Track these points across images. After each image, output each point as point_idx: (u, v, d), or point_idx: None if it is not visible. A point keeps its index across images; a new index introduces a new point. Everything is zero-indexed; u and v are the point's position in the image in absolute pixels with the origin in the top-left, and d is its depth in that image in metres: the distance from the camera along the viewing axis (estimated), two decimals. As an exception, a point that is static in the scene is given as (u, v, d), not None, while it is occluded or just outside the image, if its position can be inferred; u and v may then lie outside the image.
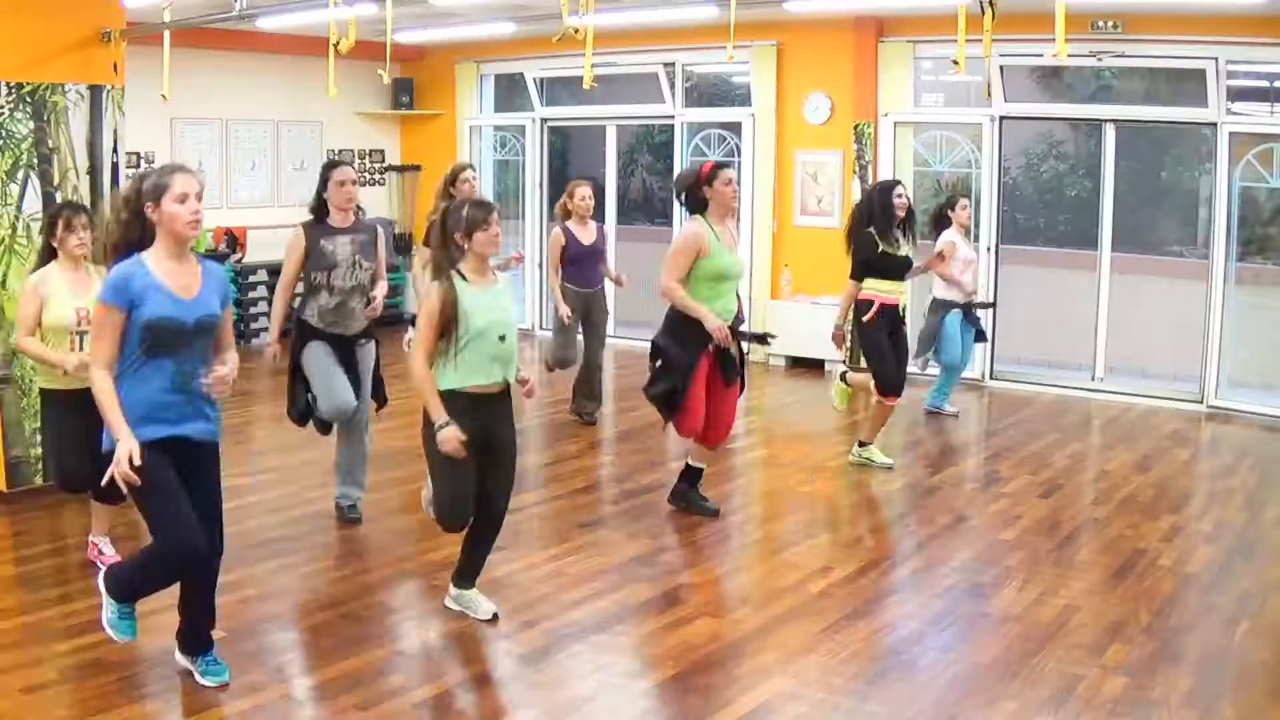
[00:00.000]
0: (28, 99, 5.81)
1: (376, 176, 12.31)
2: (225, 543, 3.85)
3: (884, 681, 4.00)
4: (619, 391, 9.21)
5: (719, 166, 5.45)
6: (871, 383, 6.63)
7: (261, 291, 10.85)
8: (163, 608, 4.50)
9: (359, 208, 5.55)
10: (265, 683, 3.89)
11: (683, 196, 5.55)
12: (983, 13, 4.71)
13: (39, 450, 5.84)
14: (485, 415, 4.26)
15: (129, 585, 3.73)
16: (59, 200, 5.87)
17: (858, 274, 6.58)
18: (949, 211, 7.95)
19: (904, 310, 6.72)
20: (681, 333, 5.46)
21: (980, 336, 8.25)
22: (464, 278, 4.19)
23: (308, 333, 5.41)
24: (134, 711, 3.67)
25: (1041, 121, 9.83)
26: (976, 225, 9.33)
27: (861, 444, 6.84)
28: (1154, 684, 3.95)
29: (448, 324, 4.12)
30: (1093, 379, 9.04)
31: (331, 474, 5.86)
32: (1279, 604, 4.76)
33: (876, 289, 6.54)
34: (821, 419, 8.19)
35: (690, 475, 5.92)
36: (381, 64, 6.01)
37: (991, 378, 9.31)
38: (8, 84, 5.73)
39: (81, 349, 4.61)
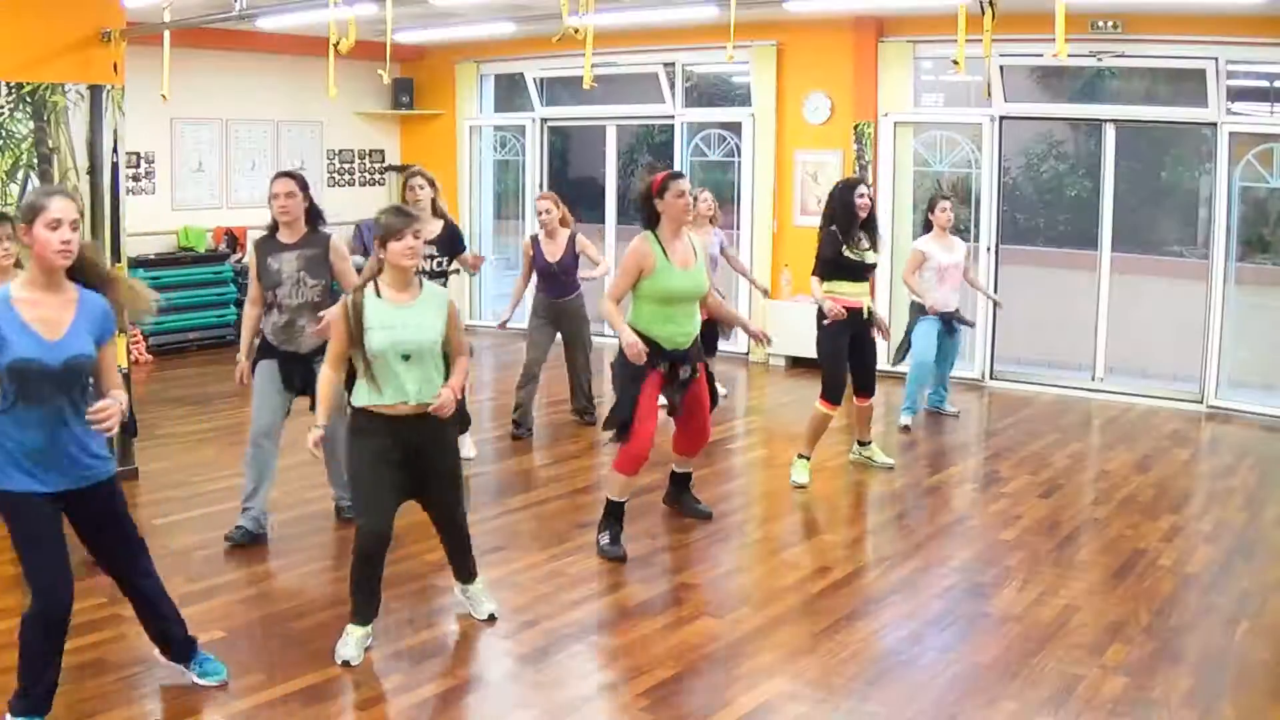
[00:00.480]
0: (28, 99, 5.80)
1: (376, 177, 12.31)
2: (223, 543, 3.83)
3: (884, 681, 4.00)
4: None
5: (671, 177, 5.09)
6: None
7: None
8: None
9: (317, 218, 5.29)
10: (265, 683, 3.89)
11: (638, 211, 5.22)
12: (983, 13, 4.71)
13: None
14: (407, 437, 4.04)
15: (23, 672, 3.39)
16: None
17: (820, 271, 6.39)
18: (930, 214, 7.74)
19: (868, 313, 6.41)
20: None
21: (951, 350, 7.97)
22: (378, 292, 3.99)
23: (263, 349, 5.33)
24: (134, 711, 3.67)
25: (1041, 121, 9.82)
26: (976, 225, 9.34)
27: (861, 443, 6.84)
28: (1154, 684, 3.95)
29: (351, 337, 3.97)
30: (1093, 379, 9.03)
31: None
32: (1279, 604, 4.76)
33: (836, 290, 6.32)
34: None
35: (680, 479, 5.89)
36: (381, 64, 6.01)
37: (991, 378, 9.31)
38: (8, 84, 5.73)
39: None
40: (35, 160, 5.82)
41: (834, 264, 6.33)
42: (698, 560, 5.32)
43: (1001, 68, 8.98)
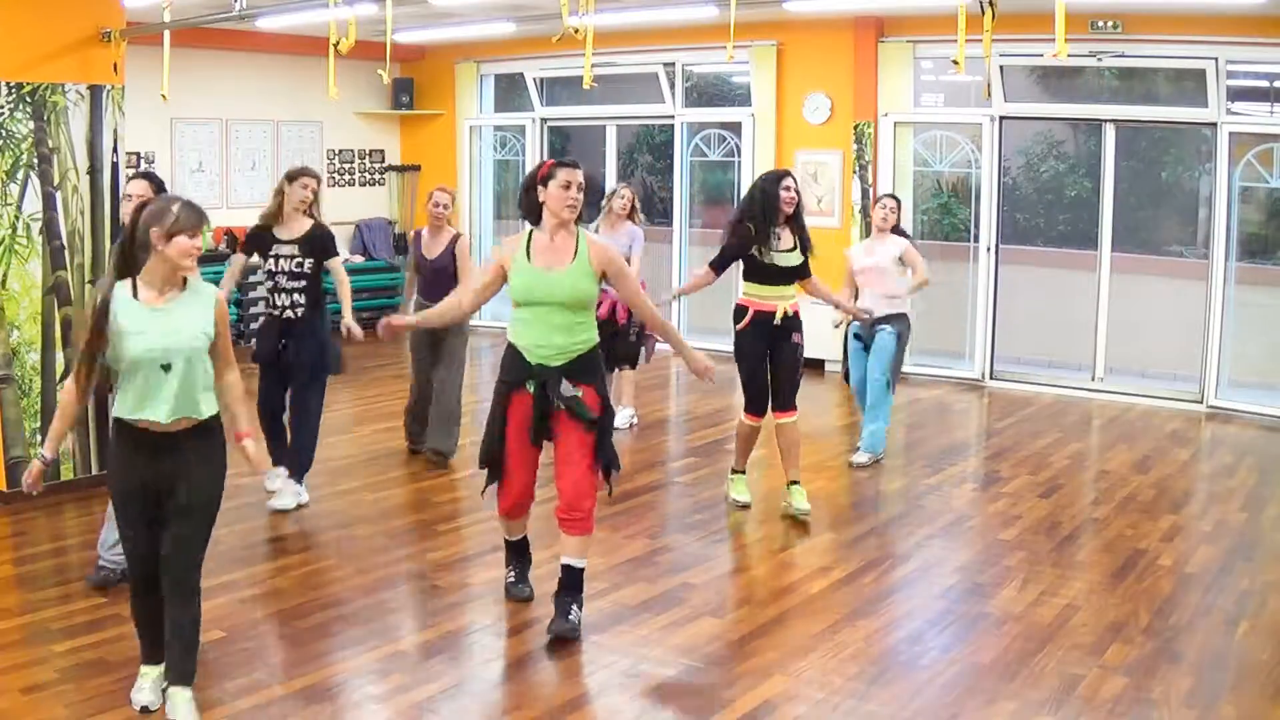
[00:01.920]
0: (28, 99, 5.80)
1: (376, 176, 12.31)
2: (223, 543, 3.82)
3: (884, 681, 4.00)
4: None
5: (559, 165, 4.26)
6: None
7: (261, 292, 10.81)
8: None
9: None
10: (265, 683, 3.89)
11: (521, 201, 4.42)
12: (983, 13, 4.71)
13: (38, 451, 5.84)
14: (157, 457, 3.44)
15: None
16: (59, 200, 5.89)
17: (718, 265, 5.83)
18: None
19: (784, 317, 5.74)
20: (503, 364, 4.39)
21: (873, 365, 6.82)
22: (134, 290, 3.39)
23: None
24: (134, 711, 3.67)
25: (1041, 121, 9.82)
26: (976, 225, 9.35)
27: (733, 470, 6.12)
28: (1154, 684, 3.95)
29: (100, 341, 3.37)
30: (1093, 379, 9.03)
31: (330, 475, 5.88)
32: (1279, 604, 4.76)
33: (750, 293, 5.77)
34: (821, 419, 8.19)
35: (521, 560, 4.77)
36: (381, 64, 6.01)
37: (991, 378, 9.31)
38: (8, 84, 5.73)
39: None
40: (35, 160, 5.82)
41: (746, 264, 5.74)
42: (698, 560, 5.32)
43: (1001, 68, 8.98)
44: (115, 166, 6.18)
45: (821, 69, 9.81)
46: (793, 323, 5.80)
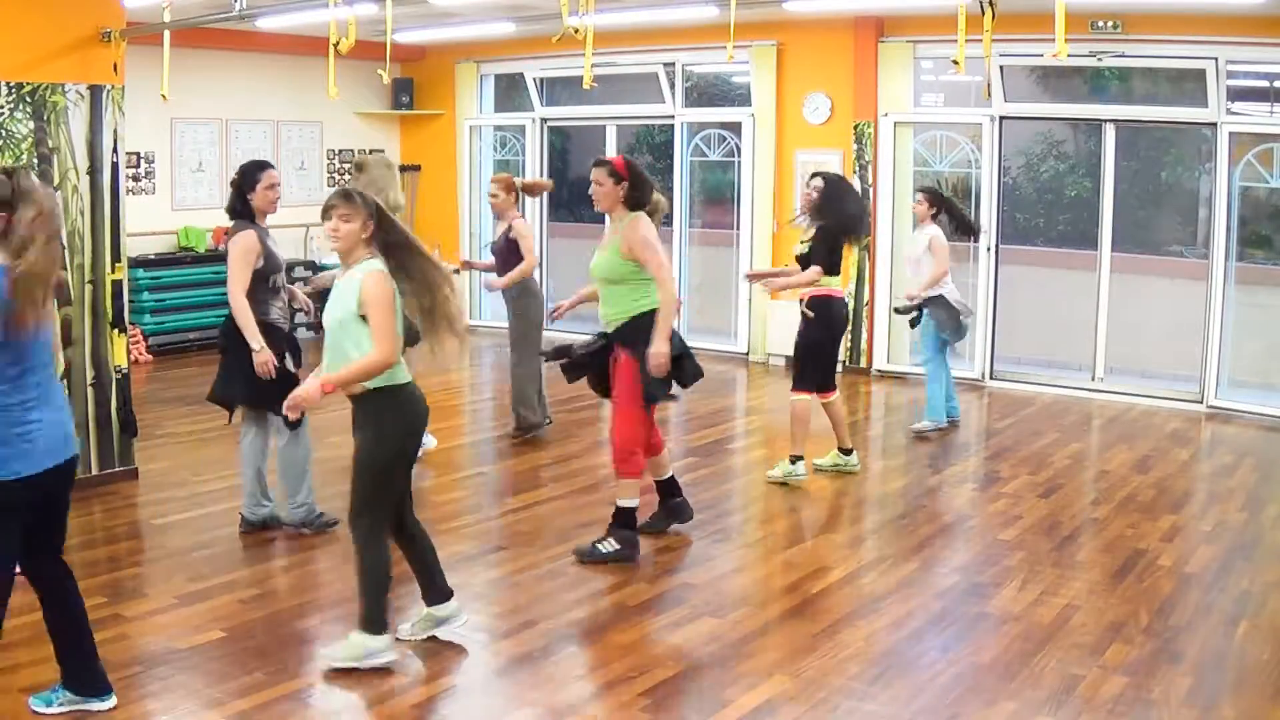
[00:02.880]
0: (28, 99, 5.80)
1: (376, 176, 12.29)
2: (223, 543, 3.83)
3: (884, 681, 4.00)
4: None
5: (594, 165, 5.17)
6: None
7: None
8: (161, 609, 4.52)
9: None
10: (265, 682, 3.89)
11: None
12: (983, 13, 4.71)
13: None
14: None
15: None
16: (59, 200, 5.88)
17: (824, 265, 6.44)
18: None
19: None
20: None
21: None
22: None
23: (280, 336, 5.31)
24: (134, 711, 3.67)
25: (1041, 121, 9.82)
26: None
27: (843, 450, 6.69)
28: (1154, 684, 3.95)
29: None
30: (1093, 379, 9.03)
31: (330, 475, 5.87)
32: (1279, 604, 4.76)
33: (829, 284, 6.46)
34: (821, 419, 8.18)
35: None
36: (381, 64, 6.01)
37: (991, 378, 9.31)
38: (8, 84, 5.73)
39: None
40: (35, 160, 5.82)
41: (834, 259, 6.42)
42: (698, 560, 5.32)
43: (1001, 68, 8.98)
44: (115, 166, 6.18)
45: (821, 69, 9.81)
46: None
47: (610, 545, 5.14)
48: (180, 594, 4.63)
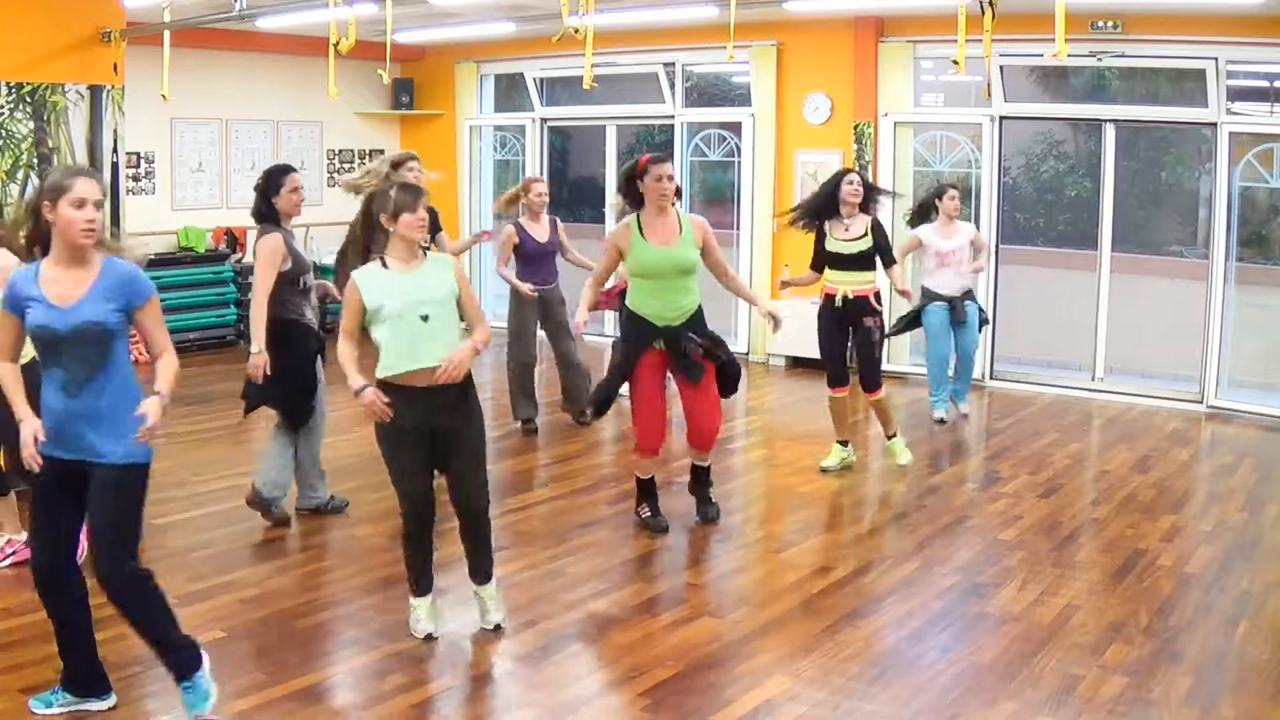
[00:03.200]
0: (28, 99, 5.81)
1: (376, 176, 12.30)
2: (223, 543, 3.83)
3: (884, 681, 4.00)
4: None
5: (653, 161, 5.35)
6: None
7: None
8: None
9: None
10: (265, 683, 3.89)
11: (622, 193, 5.47)
12: (983, 13, 4.71)
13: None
14: (423, 406, 4.11)
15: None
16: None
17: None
18: (937, 202, 7.69)
19: (844, 301, 6.47)
20: (627, 330, 5.53)
21: (964, 341, 7.81)
22: (384, 264, 4.13)
23: (311, 336, 5.47)
24: (133, 711, 3.67)
25: (1041, 121, 9.82)
26: (976, 225, 9.31)
27: (890, 437, 6.77)
28: (1154, 684, 3.95)
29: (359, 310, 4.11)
30: (1093, 379, 9.03)
31: (330, 475, 5.87)
32: (1279, 604, 4.76)
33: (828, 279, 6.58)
34: (821, 419, 8.19)
35: (696, 471, 5.81)
36: (381, 64, 6.02)
37: (991, 378, 9.31)
38: (8, 84, 5.74)
39: None
40: (35, 160, 5.83)
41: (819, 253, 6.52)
42: (698, 560, 5.32)
43: (1001, 68, 8.98)
44: (115, 166, 6.19)
45: (821, 69, 9.81)
46: (853, 305, 6.47)
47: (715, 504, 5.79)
48: (180, 594, 4.62)
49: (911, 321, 7.82)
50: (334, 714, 3.72)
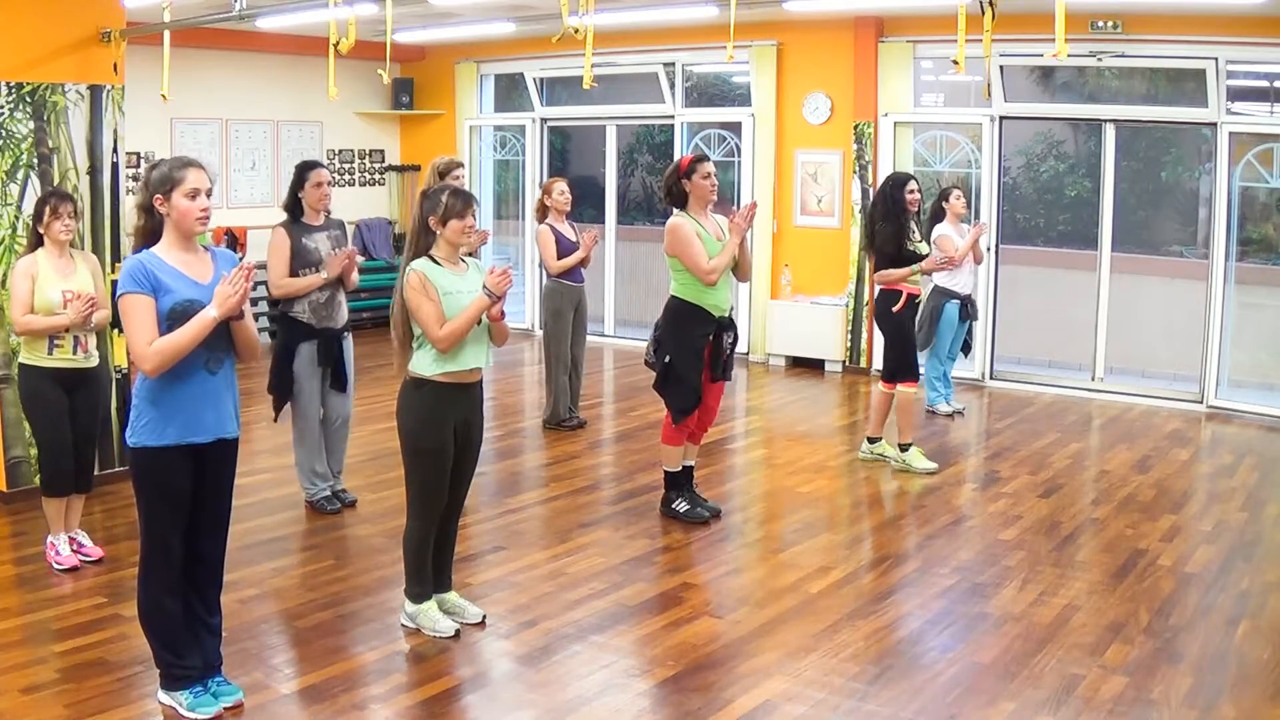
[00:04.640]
0: (28, 99, 5.80)
1: (376, 176, 12.31)
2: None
3: (884, 681, 4.00)
4: (619, 391, 9.22)
5: (697, 160, 5.51)
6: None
7: (261, 291, 10.79)
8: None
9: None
10: (265, 683, 3.89)
11: (666, 191, 5.59)
12: (983, 13, 4.71)
13: (37, 450, 5.84)
14: (464, 403, 4.26)
15: (160, 644, 3.64)
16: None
17: (881, 265, 6.74)
18: (944, 203, 7.84)
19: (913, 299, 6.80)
20: (688, 324, 5.51)
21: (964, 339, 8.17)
22: (436, 262, 4.20)
23: (299, 332, 5.62)
24: (134, 711, 3.67)
25: (1041, 121, 9.83)
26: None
27: (902, 447, 6.79)
28: (1154, 684, 3.95)
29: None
30: (1093, 379, 9.03)
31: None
32: (1279, 604, 4.76)
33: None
34: (821, 419, 8.19)
35: (684, 477, 5.88)
36: (381, 64, 6.01)
37: (991, 378, 9.31)
38: (8, 84, 5.73)
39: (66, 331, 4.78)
40: (35, 160, 5.83)
41: (896, 258, 6.61)
42: (698, 560, 5.32)
43: (1001, 68, 8.98)
44: (115, 166, 6.18)
45: (821, 69, 9.81)
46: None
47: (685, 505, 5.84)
48: (180, 594, 4.62)
49: (933, 319, 7.92)
50: (334, 714, 3.72)
